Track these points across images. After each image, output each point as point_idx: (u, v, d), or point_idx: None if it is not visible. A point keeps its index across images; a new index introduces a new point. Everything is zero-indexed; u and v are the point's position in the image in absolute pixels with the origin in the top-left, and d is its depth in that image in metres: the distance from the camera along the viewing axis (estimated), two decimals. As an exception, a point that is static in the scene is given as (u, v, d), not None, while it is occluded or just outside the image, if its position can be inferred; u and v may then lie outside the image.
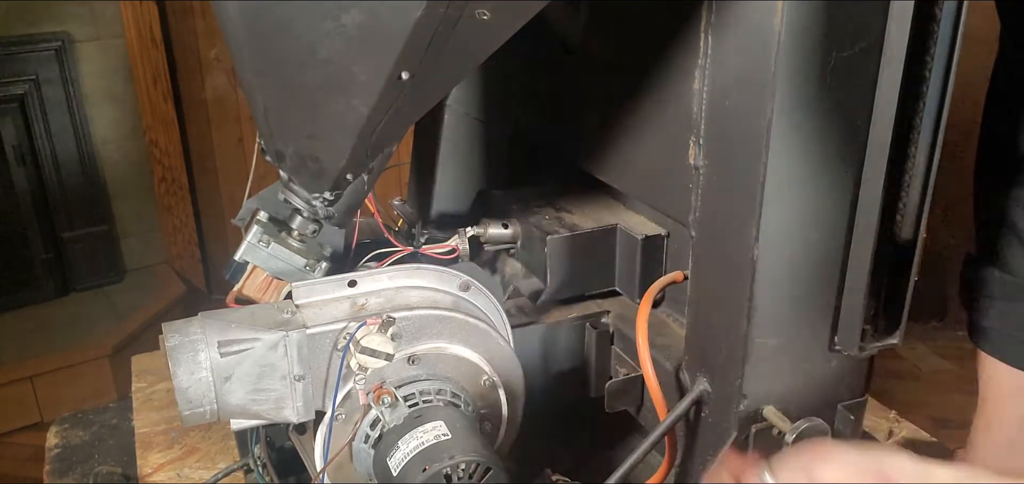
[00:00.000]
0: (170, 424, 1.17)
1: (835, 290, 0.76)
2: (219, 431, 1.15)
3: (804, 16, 0.65)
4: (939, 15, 0.65)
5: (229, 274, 0.88)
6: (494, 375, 0.84)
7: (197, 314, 0.76)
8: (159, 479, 1.08)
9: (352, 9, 0.64)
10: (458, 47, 0.67)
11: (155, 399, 1.24)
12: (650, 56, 0.85)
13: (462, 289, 0.85)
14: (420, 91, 0.73)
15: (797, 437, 0.77)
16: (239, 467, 1.05)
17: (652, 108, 0.88)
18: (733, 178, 0.74)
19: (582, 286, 1.00)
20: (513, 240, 1.04)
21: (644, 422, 0.97)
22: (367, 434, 0.78)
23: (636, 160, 0.94)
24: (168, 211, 3.20)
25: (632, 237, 0.95)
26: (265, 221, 0.87)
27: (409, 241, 1.02)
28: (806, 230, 0.73)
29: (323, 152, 0.79)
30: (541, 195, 1.08)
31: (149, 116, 3.04)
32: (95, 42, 2.93)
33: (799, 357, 0.79)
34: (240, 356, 0.74)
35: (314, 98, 0.73)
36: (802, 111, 0.69)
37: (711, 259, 0.80)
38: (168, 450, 1.13)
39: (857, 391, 0.83)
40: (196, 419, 0.74)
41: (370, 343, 0.75)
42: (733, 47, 0.72)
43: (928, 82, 0.67)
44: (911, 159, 0.69)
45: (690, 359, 0.86)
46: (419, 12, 0.61)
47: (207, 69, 3.13)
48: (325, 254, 0.90)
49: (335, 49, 0.67)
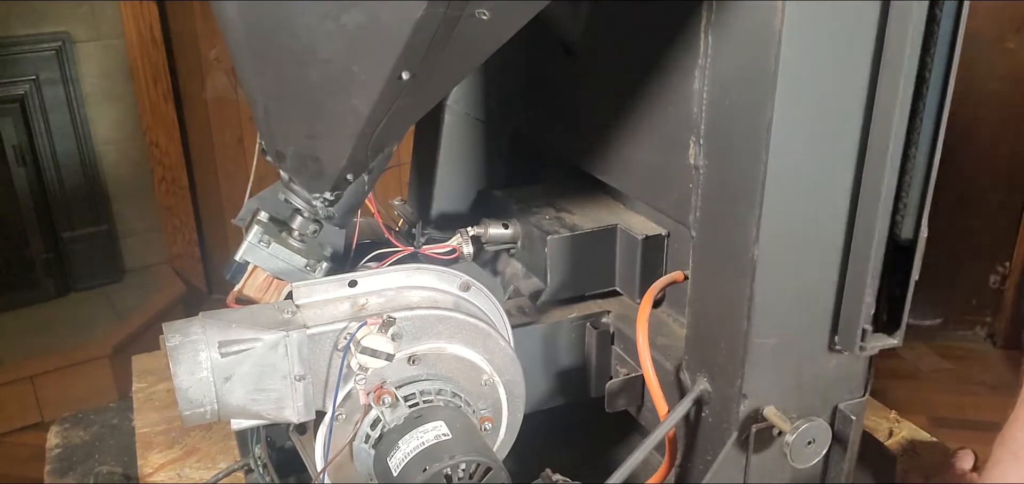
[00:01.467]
0: (171, 424, 1.17)
1: (835, 290, 0.76)
2: (220, 431, 1.15)
3: (804, 16, 0.65)
4: (939, 15, 0.65)
5: (229, 274, 0.88)
6: (494, 375, 0.84)
7: (198, 314, 0.76)
8: (160, 479, 1.08)
9: (352, 9, 0.64)
10: (458, 47, 0.67)
11: (156, 399, 1.24)
12: (650, 56, 0.85)
13: (462, 289, 0.85)
14: (420, 91, 0.73)
15: (797, 436, 0.77)
16: (240, 467, 1.05)
17: (652, 108, 0.88)
18: (733, 178, 0.74)
19: (582, 286, 1.00)
20: (513, 240, 1.04)
21: (644, 422, 0.97)
22: (367, 434, 0.78)
23: (636, 160, 0.94)
24: (168, 211, 3.19)
25: (632, 237, 0.95)
26: (265, 221, 0.87)
27: (409, 241, 1.02)
28: (806, 230, 0.73)
29: (323, 152, 0.79)
30: (541, 195, 1.08)
31: (149, 116, 3.04)
32: (95, 42, 2.93)
33: (799, 357, 0.79)
34: (240, 356, 0.74)
35: (314, 98, 0.73)
36: (802, 111, 0.69)
37: (711, 259, 0.80)
38: (169, 450, 1.13)
39: (857, 391, 0.83)
40: (196, 419, 0.74)
41: (370, 343, 0.75)
42: (733, 47, 0.72)
43: (928, 82, 0.67)
44: (911, 159, 0.69)
45: (690, 359, 0.86)
46: (419, 12, 0.61)
47: (207, 69, 3.13)
48: (325, 254, 0.90)
49: (335, 49, 0.67)
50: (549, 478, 0.84)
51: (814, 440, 0.78)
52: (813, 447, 0.79)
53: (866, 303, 0.74)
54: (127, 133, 3.07)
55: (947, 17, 0.65)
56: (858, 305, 0.74)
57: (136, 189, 3.14)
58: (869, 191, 0.71)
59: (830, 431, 0.80)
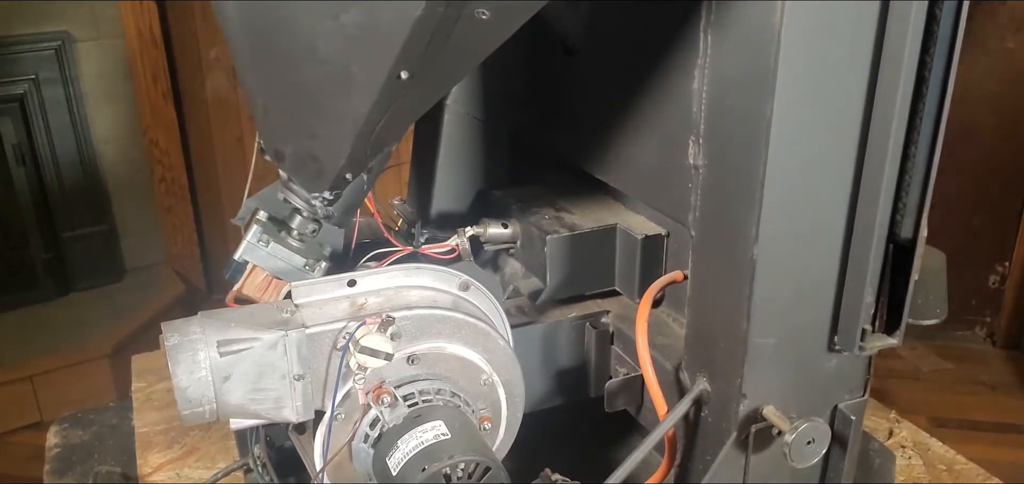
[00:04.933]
0: (170, 424, 1.17)
1: (835, 289, 0.76)
2: (219, 431, 1.15)
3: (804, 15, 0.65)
4: (939, 15, 0.65)
5: (229, 273, 0.88)
6: (494, 375, 0.84)
7: (197, 313, 0.76)
8: (159, 479, 1.08)
9: (351, 8, 0.64)
10: (457, 46, 0.67)
11: (155, 399, 1.24)
12: (650, 56, 0.85)
13: (462, 289, 0.85)
14: (419, 90, 0.73)
15: (796, 436, 0.77)
16: (239, 467, 1.05)
17: (652, 108, 0.88)
18: (733, 177, 0.74)
19: (582, 286, 1.00)
20: (513, 240, 1.04)
21: (644, 422, 0.97)
22: (366, 434, 0.78)
23: (636, 160, 0.94)
24: (168, 211, 3.19)
25: (632, 237, 0.95)
26: (265, 220, 0.87)
27: (409, 241, 1.02)
28: (806, 229, 0.73)
29: (322, 151, 0.79)
30: (541, 195, 1.08)
31: (149, 116, 3.03)
32: (95, 42, 2.93)
33: (799, 357, 0.79)
34: (239, 355, 0.74)
35: (314, 97, 0.73)
36: (802, 110, 0.68)
37: (711, 258, 0.80)
38: (168, 450, 1.13)
39: (857, 391, 0.83)
40: (195, 418, 0.74)
41: (369, 342, 0.75)
42: (733, 47, 0.72)
43: (928, 82, 0.67)
44: (911, 159, 0.69)
45: (690, 359, 0.86)
46: (418, 11, 0.61)
47: (207, 69, 3.13)
48: (325, 253, 0.90)
49: (334, 48, 0.67)
50: (548, 478, 0.84)
51: (813, 440, 0.78)
52: (812, 447, 0.79)
53: (866, 303, 0.74)
54: (127, 132, 3.07)
55: (946, 17, 0.65)
56: (858, 305, 0.74)
57: (136, 189, 3.14)
58: (869, 191, 0.71)
59: (830, 431, 0.80)
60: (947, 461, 1.17)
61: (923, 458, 1.17)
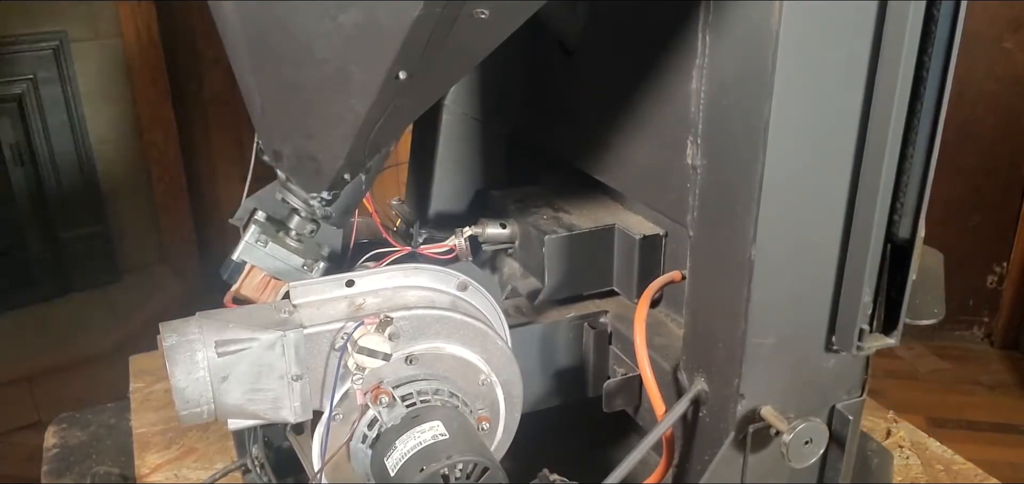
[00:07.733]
0: (168, 424, 1.17)
1: (832, 290, 0.76)
2: (217, 431, 1.15)
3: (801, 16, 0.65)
4: (936, 15, 0.65)
5: (227, 273, 0.87)
6: (492, 375, 0.84)
7: (194, 314, 0.76)
8: (157, 479, 1.08)
9: (349, 8, 0.64)
10: (456, 46, 0.67)
11: (153, 399, 1.24)
12: (648, 56, 0.85)
13: (460, 289, 0.85)
14: (418, 90, 0.73)
15: (794, 436, 0.77)
16: (237, 467, 1.05)
17: (650, 108, 0.88)
18: (731, 178, 0.74)
19: (580, 286, 1.00)
20: (511, 240, 1.04)
21: (642, 422, 0.97)
22: (365, 434, 0.78)
23: (634, 160, 0.94)
24: (166, 211, 3.19)
25: (630, 237, 0.95)
26: (263, 220, 0.86)
27: (407, 241, 1.02)
28: (803, 230, 0.73)
29: (321, 151, 0.79)
30: (539, 195, 1.08)
31: (147, 116, 3.03)
32: (93, 42, 2.93)
33: (797, 357, 0.79)
34: (237, 356, 0.74)
35: (312, 98, 0.73)
36: (799, 111, 0.69)
37: (709, 259, 0.80)
38: (166, 450, 1.13)
39: (855, 391, 0.83)
40: (193, 419, 0.74)
41: (368, 343, 0.75)
42: (731, 47, 0.72)
43: (926, 82, 0.67)
44: (909, 159, 0.69)
45: (688, 359, 0.86)
46: (416, 11, 0.61)
47: (205, 69, 3.13)
48: (323, 254, 0.90)
49: (332, 49, 0.67)
50: (547, 478, 0.84)
51: (811, 440, 0.78)
52: (810, 447, 0.79)
53: (863, 303, 0.74)
54: (125, 132, 3.07)
55: (944, 17, 0.65)
56: (855, 305, 0.74)
57: (134, 189, 3.14)
58: (866, 191, 0.71)
59: (827, 431, 0.80)
60: (945, 461, 1.17)
61: (921, 458, 1.17)
